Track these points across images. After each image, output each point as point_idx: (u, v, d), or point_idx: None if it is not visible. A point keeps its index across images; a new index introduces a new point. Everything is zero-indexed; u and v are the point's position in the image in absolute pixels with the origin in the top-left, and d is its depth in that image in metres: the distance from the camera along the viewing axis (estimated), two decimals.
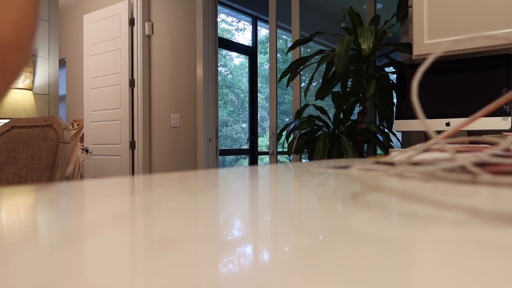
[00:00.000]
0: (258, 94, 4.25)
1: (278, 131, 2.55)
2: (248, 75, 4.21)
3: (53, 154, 1.35)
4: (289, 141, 2.16)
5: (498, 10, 1.55)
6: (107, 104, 3.40)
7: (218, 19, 3.28)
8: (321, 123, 2.13)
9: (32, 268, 0.12)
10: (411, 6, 1.89)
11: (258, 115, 4.22)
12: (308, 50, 4.08)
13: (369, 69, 1.99)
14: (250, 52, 4.28)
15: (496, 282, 0.11)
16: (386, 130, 2.03)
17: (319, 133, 2.11)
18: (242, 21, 4.77)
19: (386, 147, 1.94)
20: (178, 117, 3.10)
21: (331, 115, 2.16)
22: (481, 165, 0.38)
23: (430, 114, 1.73)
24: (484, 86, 1.62)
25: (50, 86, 2.88)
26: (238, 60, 4.97)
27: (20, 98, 2.64)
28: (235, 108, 5.03)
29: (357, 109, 2.13)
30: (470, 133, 1.71)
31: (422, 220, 0.19)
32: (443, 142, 0.28)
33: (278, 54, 2.84)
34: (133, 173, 3.26)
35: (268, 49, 2.86)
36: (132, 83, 3.28)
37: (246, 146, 4.49)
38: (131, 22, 3.28)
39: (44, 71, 2.84)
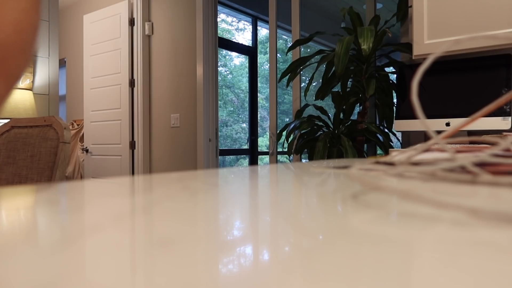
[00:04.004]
0: (258, 94, 4.25)
1: (278, 131, 2.55)
2: (248, 75, 4.21)
3: (53, 154, 1.35)
4: (289, 141, 2.16)
5: (498, 10, 1.55)
6: (107, 104, 3.40)
7: (218, 19, 3.28)
8: (321, 123, 2.13)
9: (32, 268, 0.12)
10: (411, 6, 1.89)
11: (258, 115, 4.22)
12: (308, 50, 4.08)
13: (369, 69, 1.99)
14: (250, 52, 4.27)
15: (496, 282, 0.11)
16: (386, 130, 2.03)
17: (319, 133, 2.11)
18: (242, 21, 4.77)
19: (386, 147, 1.94)
20: (178, 117, 3.10)
21: (331, 115, 2.16)
22: (481, 165, 0.38)
23: (430, 114, 1.73)
24: (484, 86, 1.62)
25: (50, 86, 2.88)
26: (238, 60, 4.97)
27: (20, 98, 2.64)
28: (235, 108, 5.03)
29: (357, 109, 2.13)
30: (470, 133, 1.71)
31: (422, 220, 0.19)
32: (443, 142, 0.29)
33: (278, 54, 2.84)
34: (133, 173, 3.26)
35: (268, 49, 2.86)
36: (132, 83, 3.28)
37: (246, 146, 4.49)
38: (131, 22, 3.28)
39: (44, 71, 2.84)
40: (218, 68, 3.17)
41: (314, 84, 2.21)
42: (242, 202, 0.26)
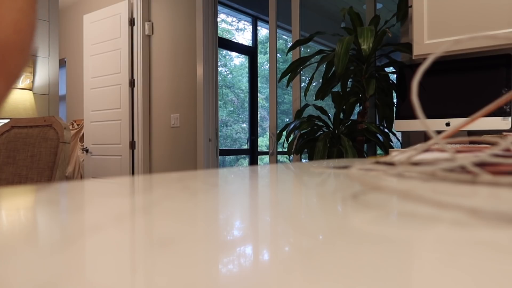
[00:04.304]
0: (258, 94, 4.25)
1: (278, 131, 2.55)
2: (248, 75, 4.21)
3: (53, 154, 1.35)
4: (289, 141, 2.16)
5: (498, 10, 1.55)
6: (107, 104, 3.40)
7: (218, 19, 3.28)
8: (321, 123, 2.13)
9: (32, 268, 0.12)
10: (411, 6, 1.89)
11: (258, 115, 4.22)
12: (308, 50, 4.08)
13: (369, 69, 1.99)
14: (250, 52, 4.27)
15: (496, 282, 0.11)
16: (386, 130, 2.03)
17: (319, 133, 2.11)
18: (242, 21, 4.77)
19: (386, 147, 1.94)
20: (178, 117, 3.10)
21: (331, 115, 2.16)
22: (481, 165, 0.38)
23: (430, 114, 1.73)
24: (484, 86, 1.62)
25: (50, 86, 2.88)
26: (238, 60, 4.97)
27: (20, 98, 2.64)
28: (235, 108, 5.03)
29: (357, 109, 2.13)
30: (470, 133, 1.71)
31: (422, 220, 0.19)
32: (443, 142, 0.28)
33: (278, 54, 2.84)
34: (133, 173, 3.26)
35: (268, 49, 2.86)
36: (132, 83, 3.28)
37: (246, 146, 4.49)
38: (131, 22, 3.28)
39: (44, 71, 2.84)
40: (218, 68, 3.17)
41: (314, 84, 2.21)
42: (242, 202, 0.26)
